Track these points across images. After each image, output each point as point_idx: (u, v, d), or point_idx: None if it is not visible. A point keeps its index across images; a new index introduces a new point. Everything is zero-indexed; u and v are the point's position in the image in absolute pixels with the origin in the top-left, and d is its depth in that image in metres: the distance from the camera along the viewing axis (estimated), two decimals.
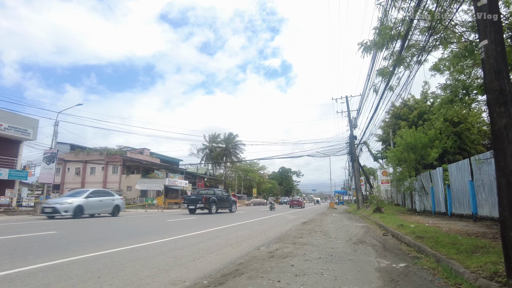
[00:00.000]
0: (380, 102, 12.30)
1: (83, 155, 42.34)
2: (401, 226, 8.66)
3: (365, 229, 10.39)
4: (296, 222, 12.91)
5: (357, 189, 26.08)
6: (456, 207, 12.56)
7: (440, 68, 7.81)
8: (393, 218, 12.71)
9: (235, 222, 12.30)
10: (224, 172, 61.46)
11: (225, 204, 21.21)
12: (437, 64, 7.85)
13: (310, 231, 9.40)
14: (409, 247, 6.03)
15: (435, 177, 15.04)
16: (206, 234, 8.45)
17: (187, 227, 10.34)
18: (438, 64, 7.84)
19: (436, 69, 7.78)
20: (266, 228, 9.89)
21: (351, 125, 25.18)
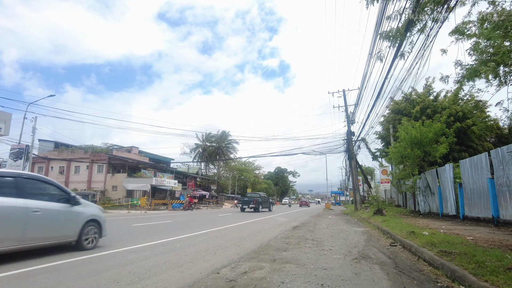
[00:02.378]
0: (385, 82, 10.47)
1: (67, 153, 40.24)
2: (412, 234, 6.90)
3: (366, 235, 8.63)
4: (285, 227, 11.12)
5: (354, 189, 24.38)
6: (470, 209, 10.85)
7: (464, 31, 6.06)
8: (397, 221, 10.98)
9: (210, 228, 10.50)
10: (217, 172, 59.55)
11: (266, 204, 26.32)
12: (460, 27, 6.11)
13: (300, 239, 7.62)
14: (434, 268, 4.28)
15: (443, 175, 13.35)
16: (161, 246, 6.61)
17: (150, 234, 8.52)
18: (461, 27, 6.10)
19: (460, 33, 6.03)
20: (245, 236, 8.09)
21: (349, 120, 23.49)
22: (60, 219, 5.64)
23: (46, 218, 5.31)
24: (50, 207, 5.47)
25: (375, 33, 7.65)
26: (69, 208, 5.83)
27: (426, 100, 22.12)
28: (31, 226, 5.02)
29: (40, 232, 5.22)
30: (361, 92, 21.07)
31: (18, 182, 5.14)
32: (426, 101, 21.93)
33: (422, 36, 6.18)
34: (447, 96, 22.42)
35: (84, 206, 6.23)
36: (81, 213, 6.06)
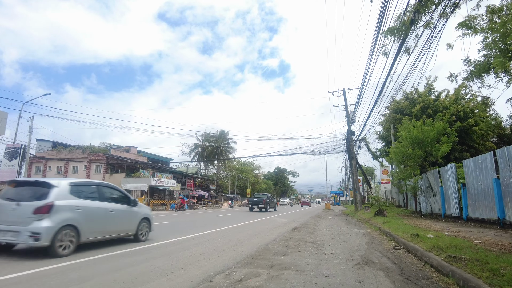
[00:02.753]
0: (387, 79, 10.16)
1: (65, 153, 39.91)
2: (416, 236, 6.61)
3: (368, 238, 8.35)
4: (285, 228, 10.84)
5: (355, 189, 24.10)
6: (474, 210, 10.57)
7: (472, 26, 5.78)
8: (399, 223, 10.70)
9: (207, 230, 10.21)
10: (217, 172, 59.25)
11: (272, 204, 28.51)
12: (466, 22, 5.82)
13: (299, 242, 7.33)
14: (443, 275, 3.99)
15: (446, 175, 13.07)
16: (153, 249, 6.33)
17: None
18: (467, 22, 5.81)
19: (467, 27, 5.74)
20: (242, 239, 7.80)
21: (349, 120, 23.20)
22: (125, 218, 7.08)
23: (117, 217, 6.78)
24: (119, 208, 6.89)
25: (377, 28, 7.37)
26: (130, 209, 7.24)
27: (427, 99, 21.83)
28: (108, 222, 6.57)
29: (113, 227, 6.71)
30: (362, 91, 20.80)
31: (99, 189, 6.70)
32: (427, 101, 21.65)
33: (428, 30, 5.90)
34: (448, 96, 22.15)
35: (139, 207, 7.62)
36: (137, 212, 7.47)
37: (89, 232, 5.97)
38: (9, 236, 5.30)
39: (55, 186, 5.75)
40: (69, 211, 5.72)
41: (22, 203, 5.49)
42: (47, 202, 5.45)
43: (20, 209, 5.43)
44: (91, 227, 6.04)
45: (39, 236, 5.14)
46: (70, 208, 5.76)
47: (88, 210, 6.07)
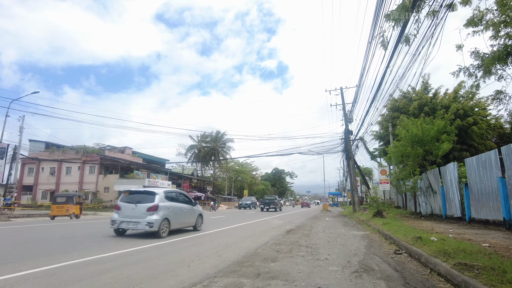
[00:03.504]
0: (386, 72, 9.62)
1: (58, 154, 39.18)
2: (419, 240, 6.09)
3: (367, 240, 7.82)
4: (279, 231, 10.29)
5: (352, 189, 23.59)
6: (478, 211, 10.07)
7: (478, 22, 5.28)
8: (399, 224, 10.18)
9: (195, 233, 9.66)
10: (213, 173, 58.61)
11: (279, 205, 33.28)
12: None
13: (292, 245, 6.79)
14: (453, 286, 3.46)
15: (447, 175, 12.58)
16: (129, 255, 5.79)
17: (124, 240, 7.67)
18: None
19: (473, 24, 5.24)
20: (231, 242, 7.24)
21: (346, 119, 22.71)
22: (191, 214, 9.97)
23: (187, 213, 9.71)
24: (187, 207, 9.81)
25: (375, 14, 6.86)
26: (192, 208, 10.11)
27: (424, 97, 21.42)
28: (183, 217, 9.46)
29: (185, 220, 9.68)
30: (359, 89, 20.34)
31: (177, 194, 9.90)
32: (423, 98, 21.23)
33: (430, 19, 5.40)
34: (447, 94, 21.74)
35: (197, 206, 10.59)
36: (196, 210, 10.36)
37: (174, 223, 8.93)
38: (132, 225, 8.22)
39: (157, 194, 8.64)
40: (165, 209, 8.56)
41: (138, 204, 8.38)
42: (155, 204, 8.30)
43: (137, 208, 8.31)
44: (175, 220, 8.95)
45: (152, 225, 8.00)
46: (166, 207, 8.61)
47: (173, 208, 9.00)
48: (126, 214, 8.35)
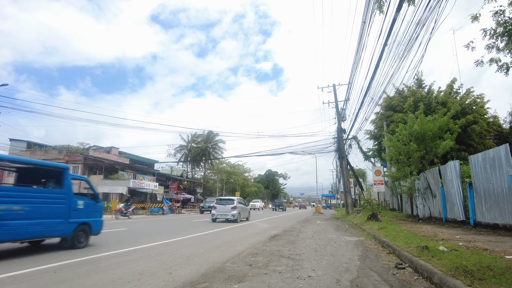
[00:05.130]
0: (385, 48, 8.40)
1: (40, 154, 37.44)
2: (425, 250, 4.94)
3: (361, 249, 6.65)
4: (262, 236, 9.07)
5: (345, 191, 22.50)
6: (484, 214, 9.00)
7: None
8: (396, 229, 9.06)
9: (163, 239, 8.39)
10: (204, 174, 57.16)
11: (284, 207, 45.99)
12: None
13: (272, 256, 5.59)
14: None
15: (448, 174, 11.53)
16: (52, 273, 4.51)
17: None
18: None
19: None
20: (197, 253, 5.97)
21: (339, 117, 21.66)
22: (246, 211, 17.97)
23: (245, 210, 17.74)
24: (244, 207, 17.74)
25: None
26: (246, 207, 18.41)
27: (418, 92, 20.50)
28: (243, 213, 17.28)
29: (244, 215, 17.44)
30: (350, 86, 19.30)
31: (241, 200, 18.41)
32: (418, 93, 20.30)
33: None
34: (440, 91, 20.85)
35: (247, 206, 19.31)
36: (247, 208, 18.64)
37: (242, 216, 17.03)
38: (222, 216, 15.82)
39: (235, 199, 16.62)
40: (239, 208, 16.10)
41: (227, 206, 16.03)
42: (234, 205, 15.90)
43: (226, 208, 15.87)
44: (242, 215, 16.66)
45: (234, 216, 15.57)
46: (238, 207, 16.13)
47: (240, 207, 16.44)
48: (219, 211, 16.07)
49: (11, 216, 5.40)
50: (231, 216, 15.55)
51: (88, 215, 7.15)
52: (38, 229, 5.87)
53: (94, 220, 7.28)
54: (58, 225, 6.26)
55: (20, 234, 5.59)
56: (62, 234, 6.39)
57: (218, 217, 15.95)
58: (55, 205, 6.33)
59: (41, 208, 6.01)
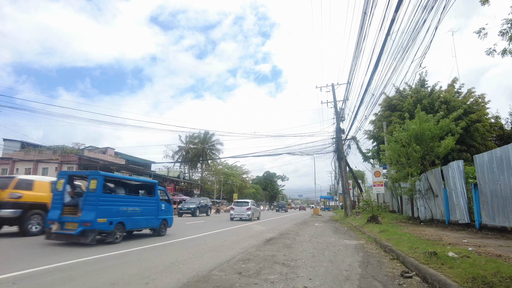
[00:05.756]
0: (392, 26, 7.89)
1: (34, 154, 36.82)
2: (433, 256, 4.47)
3: (362, 254, 6.17)
4: (256, 240, 8.57)
5: (344, 192, 22.03)
6: (491, 216, 8.54)
7: None
8: (398, 232, 8.60)
9: (150, 243, 7.89)
10: (201, 176, 56.59)
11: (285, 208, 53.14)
12: None
13: (265, 262, 5.10)
14: None
15: (451, 175, 11.07)
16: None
17: (40, 254, 5.88)
18: None
19: None
20: (183, 259, 5.44)
21: (338, 117, 21.21)
22: (258, 212, 21.95)
23: (255, 211, 21.09)
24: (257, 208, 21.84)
25: None
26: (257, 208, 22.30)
27: (421, 91, 20.09)
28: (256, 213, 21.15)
29: (256, 215, 21.05)
30: (349, 86, 18.86)
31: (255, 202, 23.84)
32: (421, 92, 19.89)
33: None
34: (442, 90, 20.45)
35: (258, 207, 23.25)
36: (258, 210, 22.44)
37: (255, 216, 20.35)
38: (239, 216, 19.35)
39: (249, 202, 20.48)
40: (253, 210, 20.02)
41: (242, 207, 19.64)
42: (248, 206, 19.57)
43: (242, 208, 19.50)
44: (255, 215, 20.56)
45: (249, 216, 19.21)
46: (252, 208, 19.79)
47: (253, 208, 20.13)
48: (236, 211, 19.46)
49: (135, 214, 8.53)
50: (246, 215, 19.24)
51: (166, 214, 10.17)
52: (145, 222, 9.04)
53: (169, 217, 10.36)
54: (153, 220, 9.37)
55: (138, 225, 8.82)
56: (154, 226, 9.50)
57: (236, 217, 19.49)
58: (151, 207, 9.40)
59: (146, 209, 9.12)
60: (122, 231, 7.96)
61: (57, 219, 7.22)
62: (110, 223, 7.40)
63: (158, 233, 9.59)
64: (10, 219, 8.48)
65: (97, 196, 7.27)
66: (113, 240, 7.49)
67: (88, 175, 7.78)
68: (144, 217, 8.89)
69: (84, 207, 7.28)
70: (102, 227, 7.17)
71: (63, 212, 7.44)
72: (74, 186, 8.47)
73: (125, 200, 8.38)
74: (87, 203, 7.27)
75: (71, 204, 7.84)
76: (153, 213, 9.38)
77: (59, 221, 7.18)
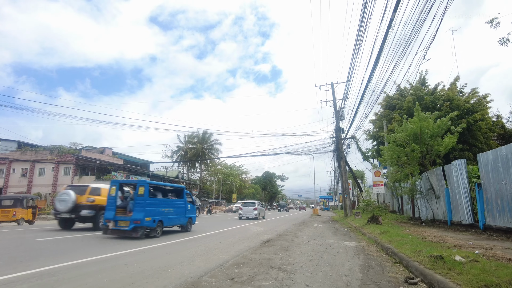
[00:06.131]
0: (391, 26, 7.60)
1: (31, 154, 36.44)
2: (439, 260, 4.18)
3: (363, 257, 5.88)
4: (253, 242, 8.27)
5: (344, 192, 21.74)
6: (495, 217, 8.26)
7: None
8: (400, 233, 8.33)
9: (143, 245, 7.60)
10: (200, 176, 56.27)
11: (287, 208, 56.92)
12: None
13: (260, 267, 4.80)
14: None
15: (453, 174, 10.78)
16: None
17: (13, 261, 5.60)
18: None
19: None
20: (173, 263, 5.15)
21: (337, 116, 20.92)
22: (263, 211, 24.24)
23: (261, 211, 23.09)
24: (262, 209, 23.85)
25: None
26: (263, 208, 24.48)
27: (422, 90, 19.80)
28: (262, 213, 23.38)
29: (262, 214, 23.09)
30: (349, 85, 18.58)
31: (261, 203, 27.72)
32: (421, 91, 19.59)
33: None
34: (445, 89, 20.15)
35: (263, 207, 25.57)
36: (263, 209, 24.39)
37: (260, 215, 22.07)
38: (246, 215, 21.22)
39: (255, 202, 22.57)
40: (259, 210, 21.97)
41: (250, 207, 21.71)
42: (255, 207, 21.57)
43: (249, 208, 21.56)
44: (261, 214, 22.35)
45: (256, 215, 21.05)
46: (258, 208, 21.83)
47: (259, 209, 22.09)
48: (244, 211, 21.37)
49: (169, 214, 10.17)
50: (253, 215, 21.24)
51: (191, 213, 11.90)
52: (176, 220, 10.75)
53: (194, 216, 12.16)
54: (182, 218, 11.11)
55: (172, 222, 10.53)
56: (182, 223, 11.23)
57: (243, 216, 21.61)
58: (181, 208, 11.07)
59: (177, 209, 10.80)
60: (162, 227, 9.76)
61: (112, 218, 9.07)
62: (154, 221, 9.14)
63: (186, 229, 11.32)
64: (87, 218, 11.35)
65: (144, 199, 8.99)
66: (155, 234, 9.28)
67: (137, 183, 9.53)
68: (176, 216, 10.63)
69: (135, 208, 8.97)
70: (148, 224, 8.90)
71: (116, 212, 9.21)
72: (123, 192, 10.31)
73: (163, 202, 10.23)
74: (137, 205, 8.97)
75: (122, 206, 9.60)
76: (182, 213, 11.09)
77: (114, 220, 9.03)
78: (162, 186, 11.26)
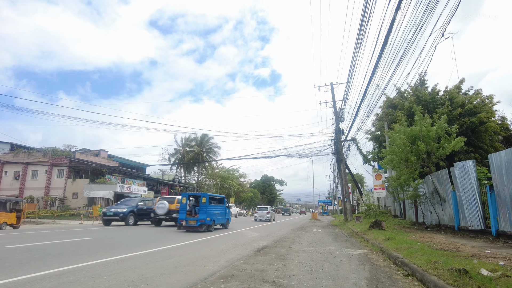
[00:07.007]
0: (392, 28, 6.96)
1: (24, 156, 35.62)
2: (463, 275, 3.52)
3: (369, 267, 5.20)
4: (246, 249, 7.57)
5: (344, 196, 21.06)
6: (510, 222, 7.60)
7: None
8: (407, 240, 7.66)
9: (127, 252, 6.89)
10: (197, 179, 55.45)
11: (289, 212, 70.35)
12: None
13: (251, 280, 4.12)
14: None
15: (461, 176, 10.13)
16: None
17: None
18: None
19: None
20: (150, 275, 4.45)
21: (337, 117, 20.31)
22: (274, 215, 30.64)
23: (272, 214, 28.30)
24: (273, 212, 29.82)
25: None
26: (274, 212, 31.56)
27: (421, 89, 19.26)
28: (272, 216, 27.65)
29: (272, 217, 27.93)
30: (349, 85, 18.00)
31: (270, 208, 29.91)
32: (423, 92, 19.05)
33: None
34: (447, 91, 19.59)
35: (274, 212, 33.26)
36: (274, 213, 31.03)
37: (272, 218, 27.07)
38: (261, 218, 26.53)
39: (268, 207, 29.23)
40: (271, 213, 27.25)
41: (263, 211, 27.32)
42: (268, 211, 27.17)
43: (264, 212, 27.06)
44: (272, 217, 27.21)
45: (268, 218, 26.37)
46: (270, 212, 27.37)
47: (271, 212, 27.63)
48: (259, 214, 26.78)
49: (216, 215, 14.11)
50: (266, 217, 26.13)
51: (227, 215, 15.85)
52: (220, 220, 14.64)
53: (229, 217, 16.17)
54: (223, 219, 15.10)
55: (219, 221, 14.54)
56: (223, 223, 15.18)
57: (258, 218, 26.50)
58: (222, 211, 15.01)
59: (221, 212, 14.79)
60: (214, 225, 13.80)
61: (184, 219, 13.02)
62: (211, 220, 13.21)
63: (225, 227, 15.42)
64: (174, 218, 15.75)
65: (206, 206, 13.05)
66: (212, 230, 13.34)
67: (201, 195, 13.80)
68: (220, 217, 14.57)
69: (200, 211, 13.00)
70: (208, 222, 12.90)
71: (186, 215, 13.23)
72: (190, 200, 14.22)
73: (214, 207, 14.25)
74: (202, 209, 13.00)
75: (189, 210, 13.75)
76: (223, 215, 15.07)
77: (185, 219, 12.99)
78: (212, 196, 15.00)
